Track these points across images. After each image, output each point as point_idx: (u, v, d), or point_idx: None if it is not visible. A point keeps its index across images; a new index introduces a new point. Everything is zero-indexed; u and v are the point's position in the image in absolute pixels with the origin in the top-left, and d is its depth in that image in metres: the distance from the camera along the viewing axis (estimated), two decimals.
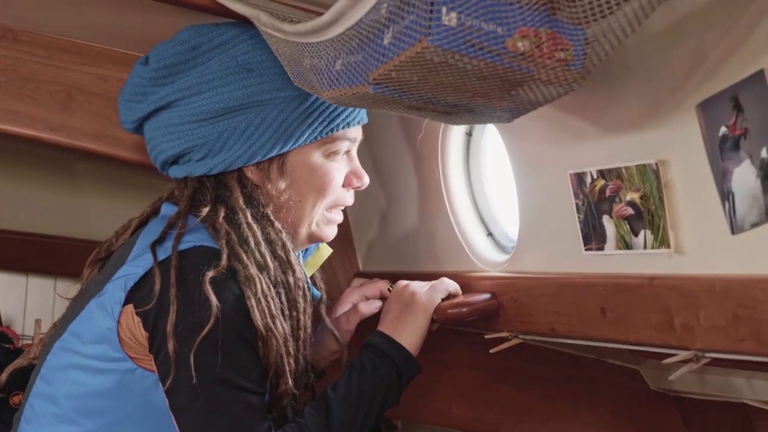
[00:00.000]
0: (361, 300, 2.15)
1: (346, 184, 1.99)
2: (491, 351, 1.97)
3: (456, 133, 2.14)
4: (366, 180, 2.01)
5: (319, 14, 1.54)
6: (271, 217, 1.89)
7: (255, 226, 1.85)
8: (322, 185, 1.94)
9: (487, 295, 1.97)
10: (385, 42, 1.40)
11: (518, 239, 1.97)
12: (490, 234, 2.15)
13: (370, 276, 2.32)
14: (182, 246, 1.80)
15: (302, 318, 1.87)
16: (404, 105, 1.56)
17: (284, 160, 1.91)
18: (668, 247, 1.54)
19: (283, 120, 1.88)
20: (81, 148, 2.42)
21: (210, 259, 1.78)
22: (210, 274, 1.75)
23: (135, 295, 1.79)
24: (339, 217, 2.01)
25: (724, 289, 1.43)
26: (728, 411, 2.10)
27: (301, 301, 1.87)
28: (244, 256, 1.80)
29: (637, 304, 1.61)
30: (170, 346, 1.73)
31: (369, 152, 2.45)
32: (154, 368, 1.79)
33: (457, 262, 2.16)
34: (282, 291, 1.84)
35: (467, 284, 2.03)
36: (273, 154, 1.89)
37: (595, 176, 1.67)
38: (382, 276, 2.25)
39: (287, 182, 1.92)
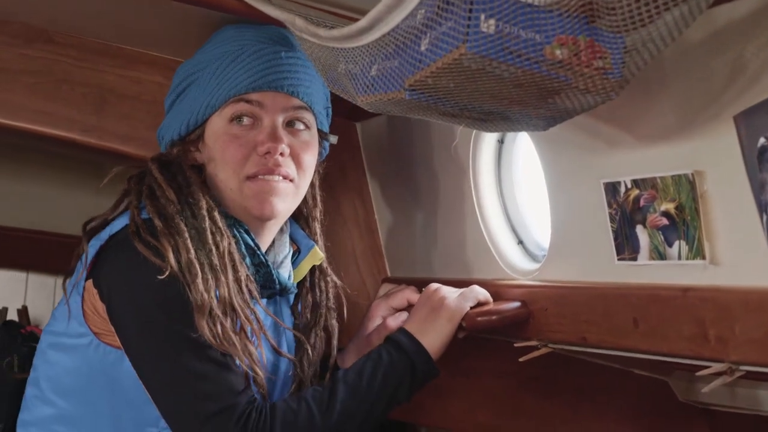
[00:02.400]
0: (389, 313, 2.14)
1: (261, 152, 1.93)
2: (521, 360, 1.96)
3: (488, 140, 2.14)
4: (272, 144, 1.92)
5: (355, 20, 1.54)
6: (192, 184, 1.92)
7: (159, 173, 1.91)
8: (221, 152, 1.94)
9: (517, 304, 1.96)
10: (422, 48, 1.40)
11: (549, 248, 1.96)
12: (520, 242, 2.14)
13: (398, 282, 2.32)
14: (123, 220, 1.89)
15: (234, 283, 1.85)
16: (439, 111, 1.55)
17: (203, 133, 1.97)
18: (703, 258, 1.53)
19: (199, 92, 1.96)
20: (112, 150, 2.42)
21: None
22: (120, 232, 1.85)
23: (94, 269, 1.87)
24: (269, 187, 1.93)
25: (760, 301, 1.42)
26: (759, 424, 2.09)
27: (214, 233, 1.86)
28: (139, 197, 1.90)
29: (670, 315, 1.60)
30: (121, 315, 1.82)
31: (401, 157, 2.45)
32: (116, 343, 1.84)
33: (487, 269, 2.15)
34: (206, 247, 1.85)
35: (497, 292, 2.02)
36: (192, 127, 1.97)
37: (629, 186, 1.66)
38: (410, 282, 2.25)
39: (205, 152, 1.97)
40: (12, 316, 3.58)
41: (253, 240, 1.94)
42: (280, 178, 1.93)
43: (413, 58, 1.42)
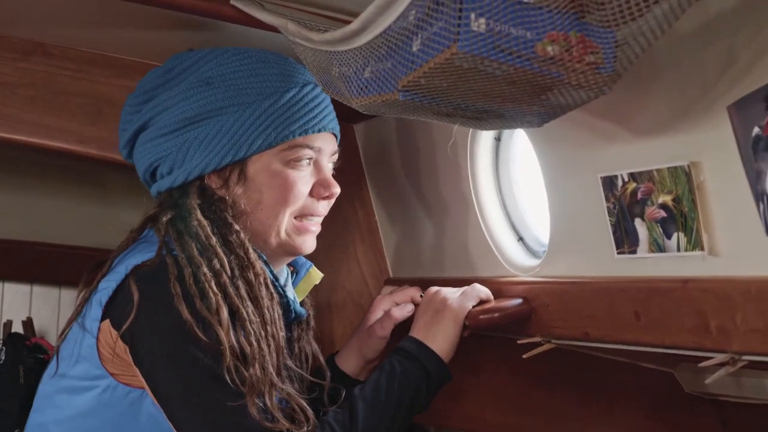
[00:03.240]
0: (392, 306, 2.14)
1: (315, 194, 1.97)
2: (524, 356, 1.96)
3: (485, 138, 2.14)
4: (335, 190, 1.99)
5: (347, 23, 1.54)
6: (229, 220, 1.89)
7: (205, 222, 1.86)
8: (282, 192, 1.93)
9: (519, 300, 1.97)
10: (414, 49, 1.40)
11: (549, 243, 1.96)
12: (520, 239, 2.14)
13: (400, 283, 2.32)
14: (135, 262, 1.83)
15: (267, 314, 1.84)
16: (434, 111, 1.56)
17: (244, 168, 1.93)
18: (702, 249, 1.53)
19: (238, 127, 1.90)
20: (112, 161, 2.43)
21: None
22: (142, 270, 1.80)
23: (110, 309, 1.82)
24: (313, 228, 1.99)
25: (760, 291, 1.42)
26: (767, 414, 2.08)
27: (264, 296, 1.85)
28: (187, 246, 1.82)
29: (671, 307, 1.60)
30: (146, 351, 1.78)
31: (399, 157, 2.45)
32: (135, 383, 1.82)
33: (488, 267, 2.16)
34: (240, 283, 1.82)
35: (498, 289, 2.03)
36: (228, 161, 1.91)
37: (626, 179, 1.66)
38: (412, 283, 2.25)
39: (246, 189, 1.92)
40: (17, 328, 3.59)
41: (272, 272, 1.94)
42: (321, 218, 2.01)
43: (406, 59, 1.42)
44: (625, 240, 1.69)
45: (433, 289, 2.03)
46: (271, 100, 1.91)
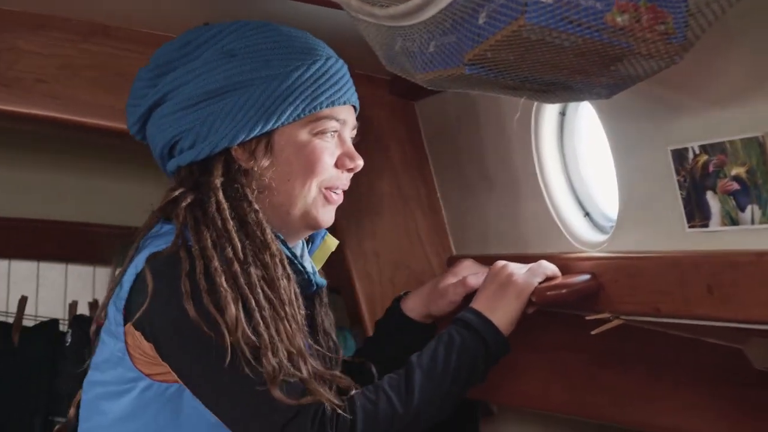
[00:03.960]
0: (470, 274, 2.14)
1: (339, 165, 1.97)
2: (592, 333, 1.94)
3: (549, 113, 2.12)
4: (359, 162, 1.98)
5: None
6: (250, 197, 1.88)
7: (225, 205, 1.85)
8: (310, 163, 1.92)
9: (587, 276, 1.94)
10: (480, 22, 1.38)
11: (618, 218, 1.94)
12: (587, 214, 2.12)
13: None
14: (153, 249, 1.83)
15: (284, 295, 1.82)
16: (500, 85, 1.54)
17: (270, 140, 1.91)
18: None
19: (266, 99, 1.88)
20: None
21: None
22: (156, 261, 1.80)
23: (129, 310, 1.82)
24: (337, 198, 1.99)
25: None
26: None
27: (281, 276, 1.84)
28: (202, 236, 1.81)
29: (745, 281, 1.57)
30: (169, 348, 1.79)
31: (462, 134, 2.44)
32: (170, 378, 1.82)
33: (554, 243, 2.14)
34: (253, 269, 1.81)
35: (565, 265, 2.01)
36: (256, 132, 1.89)
37: (697, 151, 1.63)
38: (475, 259, 2.24)
39: (272, 161, 1.92)
40: (82, 309, 3.63)
41: (290, 250, 1.94)
42: (343, 191, 2.00)
43: (471, 33, 1.40)
44: (697, 213, 1.67)
45: (501, 263, 2.01)
46: (299, 72, 1.90)
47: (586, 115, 2.09)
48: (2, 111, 2.36)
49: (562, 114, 2.13)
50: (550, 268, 1.98)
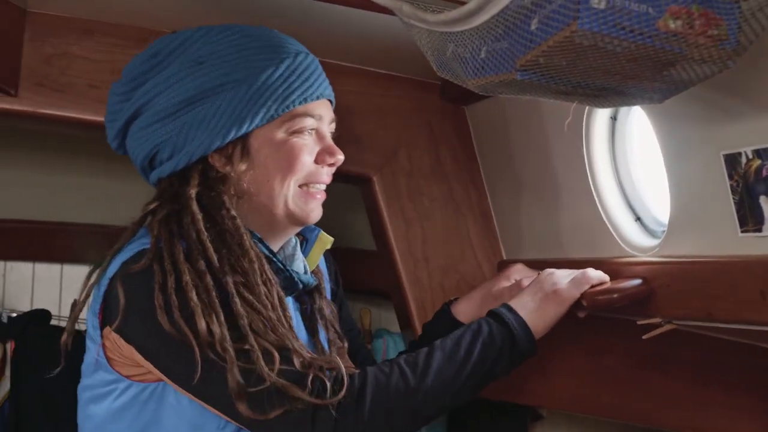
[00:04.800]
0: (524, 277, 2.14)
1: (319, 161, 1.96)
2: (644, 337, 1.94)
3: (600, 117, 2.11)
4: (340, 157, 1.98)
5: (462, 3, 1.53)
6: (227, 204, 1.89)
7: (199, 216, 1.86)
8: (288, 160, 1.93)
9: (638, 281, 1.94)
10: (532, 27, 1.38)
11: (669, 223, 1.93)
12: (638, 219, 2.11)
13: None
14: (126, 255, 1.84)
15: (265, 300, 1.82)
16: (552, 90, 1.54)
17: (246, 143, 1.92)
18: None
19: (237, 103, 1.89)
20: None
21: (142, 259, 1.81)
22: (129, 269, 1.79)
23: (106, 315, 1.84)
24: (319, 196, 1.98)
25: None
26: None
27: (262, 283, 1.83)
28: (175, 250, 1.81)
29: None
30: (149, 353, 1.80)
31: (512, 139, 2.44)
32: (149, 378, 1.83)
33: (605, 248, 2.13)
34: (231, 277, 1.81)
35: (616, 270, 2.00)
36: (231, 137, 1.90)
37: (750, 156, 1.63)
38: (526, 264, 2.24)
39: (250, 164, 1.92)
40: None
41: (268, 249, 1.94)
42: (325, 187, 2.00)
43: (523, 38, 1.41)
44: (750, 218, 1.66)
45: (548, 270, 2.01)
46: (268, 72, 1.91)
47: (637, 119, 2.09)
48: (56, 116, 2.40)
49: (614, 118, 2.12)
50: (596, 277, 1.96)
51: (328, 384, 1.73)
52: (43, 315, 3.51)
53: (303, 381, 1.73)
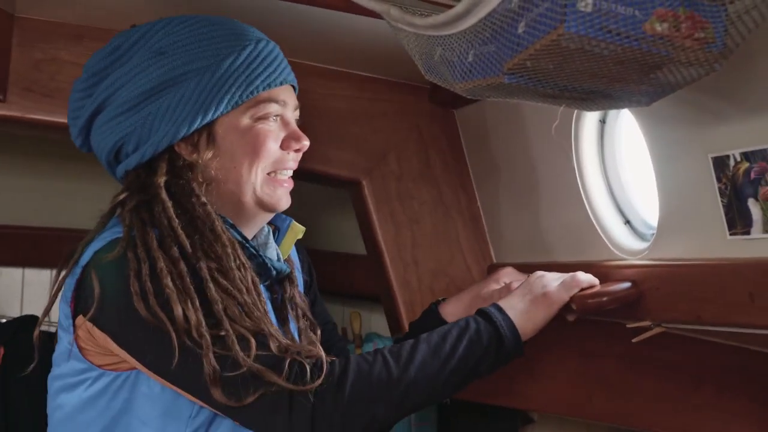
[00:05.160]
0: (514, 280, 2.14)
1: (285, 147, 1.97)
2: (633, 340, 1.94)
3: (589, 120, 2.11)
4: (306, 142, 1.98)
5: (450, 7, 1.53)
6: (197, 191, 1.89)
7: (170, 204, 1.86)
8: (254, 147, 1.93)
9: (628, 284, 1.94)
10: (519, 31, 1.38)
11: (658, 226, 1.93)
12: (627, 222, 2.12)
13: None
14: (98, 244, 1.84)
15: (240, 284, 1.82)
16: (539, 93, 1.54)
17: (212, 131, 1.92)
18: None
19: (201, 90, 1.89)
20: None
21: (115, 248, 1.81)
22: (102, 258, 1.80)
23: (79, 303, 1.84)
24: (286, 183, 1.99)
25: None
26: None
27: (236, 267, 1.83)
28: (147, 238, 1.81)
29: None
30: (124, 335, 1.79)
31: (501, 142, 2.44)
32: (122, 366, 1.83)
33: (595, 251, 2.13)
34: (204, 263, 1.81)
35: (606, 273, 2.00)
36: (196, 125, 1.90)
37: (738, 159, 1.63)
38: (516, 268, 2.24)
39: (215, 151, 1.92)
40: None
41: (240, 234, 1.94)
42: (291, 173, 2.00)
43: (511, 42, 1.41)
44: (738, 221, 1.66)
45: (538, 273, 2.00)
46: (230, 59, 1.91)
47: (626, 122, 2.09)
48: (46, 122, 2.39)
49: (602, 121, 2.12)
50: (586, 280, 1.96)
51: (308, 368, 1.72)
52: (33, 321, 3.50)
53: (280, 365, 1.72)
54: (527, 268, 2.14)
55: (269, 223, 2.08)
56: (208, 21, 1.95)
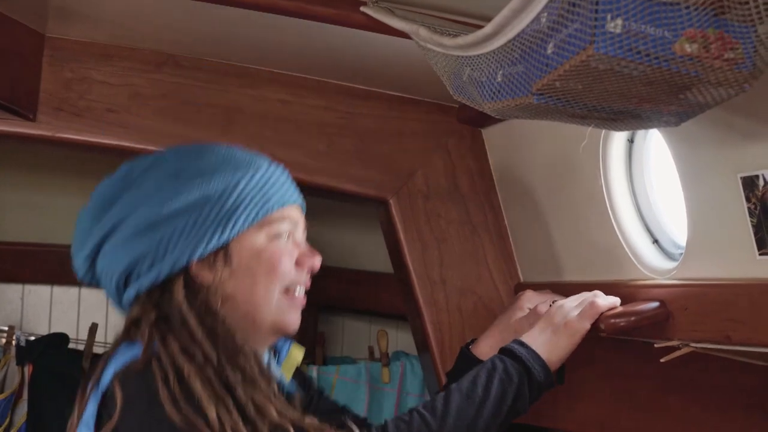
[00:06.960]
0: (538, 303, 2.13)
1: (299, 264, 1.96)
2: (662, 360, 1.93)
3: (617, 140, 2.11)
4: (318, 259, 1.98)
5: (478, 27, 1.54)
6: (214, 308, 1.88)
7: (191, 314, 1.84)
8: (271, 265, 1.92)
9: (656, 304, 1.93)
10: (548, 51, 1.39)
11: (687, 246, 1.93)
12: (655, 241, 2.11)
13: (531, 288, 2.31)
14: (117, 366, 1.80)
15: (268, 390, 1.81)
16: (568, 114, 1.54)
17: (228, 251, 1.90)
18: None
19: (219, 210, 1.88)
20: None
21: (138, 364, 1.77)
22: (126, 374, 1.76)
23: (100, 424, 1.79)
24: (301, 299, 1.98)
25: None
26: None
27: (259, 378, 1.81)
28: (170, 348, 1.78)
29: None
30: None
31: (529, 161, 2.44)
32: None
33: (622, 270, 2.12)
34: (230, 373, 1.79)
35: (633, 293, 2.00)
36: (213, 245, 1.88)
37: (767, 179, 1.62)
38: (543, 287, 2.24)
39: (232, 271, 1.90)
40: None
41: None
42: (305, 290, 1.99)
43: (539, 62, 1.41)
44: None
45: (557, 303, 2.01)
46: (245, 180, 1.91)
47: (654, 142, 2.08)
48: (76, 140, 2.41)
49: (631, 141, 2.12)
50: (605, 305, 1.97)
51: None
52: (61, 338, 3.53)
53: None
54: (555, 287, 2.14)
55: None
56: (218, 149, 1.97)
